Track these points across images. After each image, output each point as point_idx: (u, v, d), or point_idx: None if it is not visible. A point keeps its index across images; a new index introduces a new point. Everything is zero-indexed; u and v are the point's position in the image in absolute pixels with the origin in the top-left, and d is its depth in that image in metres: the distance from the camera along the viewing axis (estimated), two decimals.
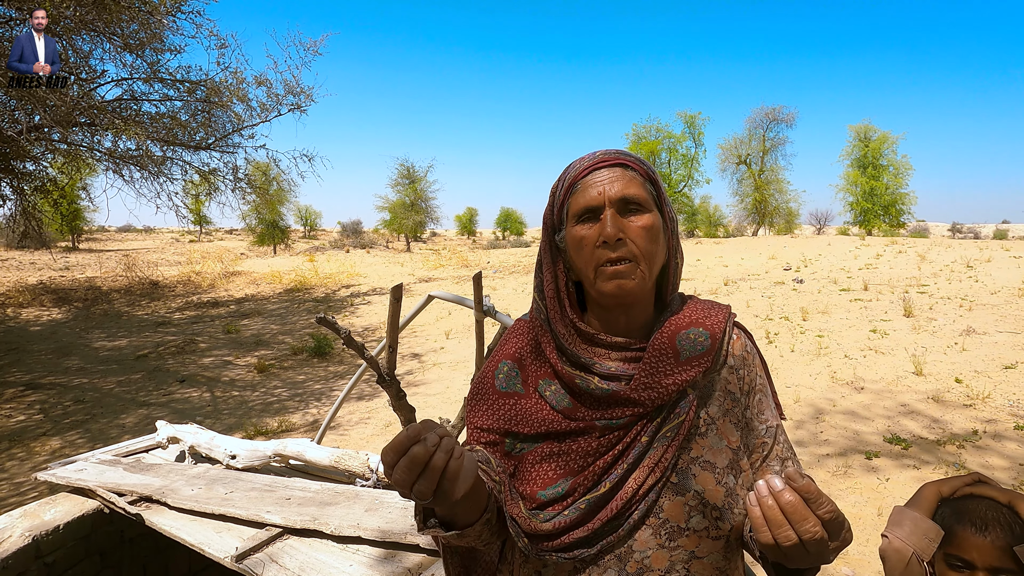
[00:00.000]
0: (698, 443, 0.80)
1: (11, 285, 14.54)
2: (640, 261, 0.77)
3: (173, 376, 7.73)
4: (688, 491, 0.77)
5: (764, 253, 17.39)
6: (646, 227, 0.77)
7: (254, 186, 11.13)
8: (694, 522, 0.76)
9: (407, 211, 32.70)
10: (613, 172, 0.79)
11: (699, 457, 0.79)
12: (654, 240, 0.78)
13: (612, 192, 0.77)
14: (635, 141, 35.17)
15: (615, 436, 0.78)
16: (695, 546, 0.76)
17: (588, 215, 0.79)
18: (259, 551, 1.88)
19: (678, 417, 0.78)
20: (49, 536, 2.29)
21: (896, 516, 1.07)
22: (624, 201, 0.77)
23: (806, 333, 7.86)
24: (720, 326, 0.83)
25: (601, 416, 0.78)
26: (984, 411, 4.91)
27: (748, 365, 0.85)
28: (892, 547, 1.04)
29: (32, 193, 9.52)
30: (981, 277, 11.05)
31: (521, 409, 0.84)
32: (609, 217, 0.76)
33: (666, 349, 0.79)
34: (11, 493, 4.28)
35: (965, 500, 1.02)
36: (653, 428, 0.78)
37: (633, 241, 0.76)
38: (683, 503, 0.76)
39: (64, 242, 27.37)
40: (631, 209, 0.78)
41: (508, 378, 0.87)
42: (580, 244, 0.79)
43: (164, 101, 9.03)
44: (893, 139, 31.14)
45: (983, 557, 0.95)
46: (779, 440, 0.85)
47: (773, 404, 0.87)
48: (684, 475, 0.78)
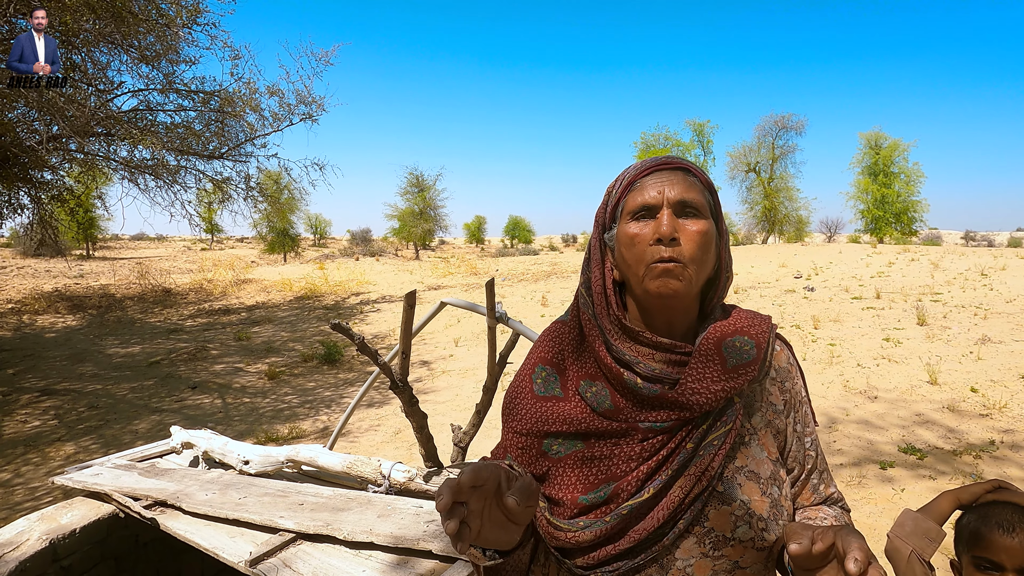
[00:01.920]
0: (743, 453, 0.79)
1: (27, 292, 14.76)
2: (689, 265, 0.76)
3: (185, 383, 7.79)
4: (734, 500, 0.76)
5: (774, 261, 17.29)
6: (701, 232, 0.77)
7: (266, 194, 11.27)
8: (740, 532, 0.75)
9: (416, 219, 32.90)
10: (675, 175, 0.79)
11: (744, 467, 0.78)
12: (706, 247, 0.78)
13: (672, 194, 0.77)
14: (643, 149, 35.20)
15: (659, 441, 0.77)
16: (739, 556, 0.75)
17: (644, 213, 0.79)
18: (272, 556, 1.89)
19: (725, 425, 0.77)
20: (66, 540, 2.32)
21: (901, 517, 1.11)
22: (682, 204, 0.77)
23: (818, 341, 7.79)
24: (765, 336, 0.82)
25: (644, 418, 0.77)
26: (1001, 421, 4.84)
27: (792, 378, 0.85)
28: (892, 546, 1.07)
29: (49, 202, 9.69)
30: (996, 285, 10.91)
31: (561, 411, 0.82)
32: (666, 216, 0.76)
33: (712, 355, 0.78)
34: (27, 497, 4.33)
35: (990, 505, 1.03)
36: (699, 435, 0.76)
37: (687, 243, 0.76)
38: (729, 513, 0.75)
39: (79, 250, 27.77)
40: (688, 213, 0.78)
41: (547, 383, 0.86)
42: (632, 241, 0.78)
43: (179, 111, 9.19)
44: (904, 146, 30.94)
45: (1011, 558, 0.96)
46: (819, 452, 0.87)
47: (811, 415, 0.89)
48: (730, 485, 0.76)
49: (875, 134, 31.87)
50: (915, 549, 1.03)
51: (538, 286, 15.15)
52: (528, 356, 0.93)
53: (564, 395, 0.84)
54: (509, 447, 0.86)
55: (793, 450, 0.84)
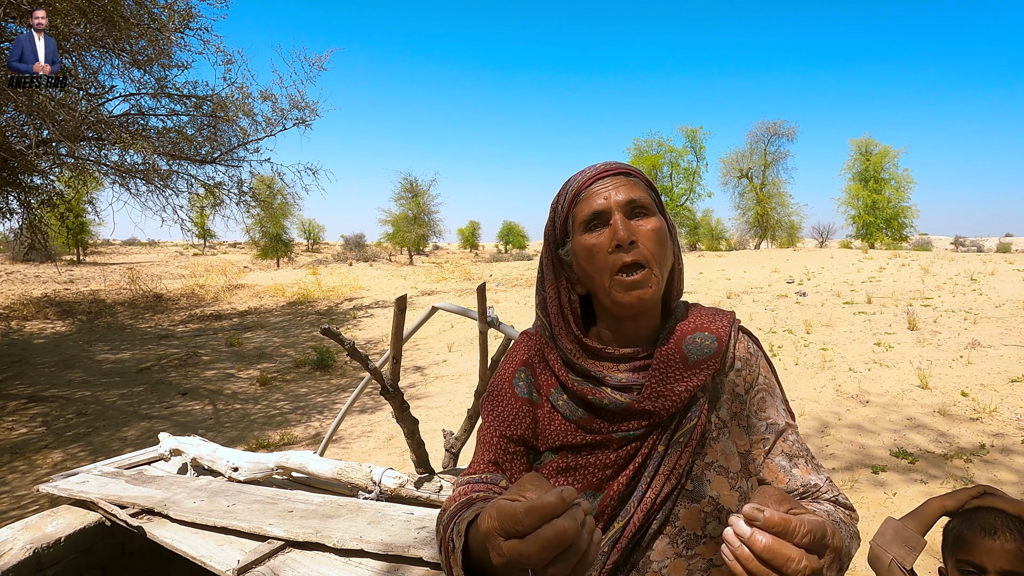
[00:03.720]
0: (712, 448, 0.79)
1: (16, 298, 14.60)
2: (653, 265, 0.77)
3: (175, 389, 7.72)
4: (703, 497, 0.76)
5: (767, 266, 17.38)
6: (655, 230, 0.78)
7: (258, 199, 11.22)
8: (710, 529, 0.75)
9: (410, 224, 32.85)
10: (617, 179, 0.80)
11: (714, 462, 0.78)
12: (663, 243, 0.79)
13: (619, 197, 0.78)
14: (637, 155, 35.38)
15: (633, 447, 0.77)
16: (712, 554, 0.75)
17: (596, 221, 0.79)
18: (261, 564, 1.87)
19: (690, 422, 0.77)
20: (50, 549, 2.28)
21: (883, 526, 1.12)
22: (631, 204, 0.78)
23: (810, 346, 7.83)
24: (726, 330, 0.83)
25: (617, 428, 0.77)
26: (991, 425, 4.87)
27: (750, 365, 0.85)
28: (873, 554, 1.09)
29: (39, 207, 9.60)
30: (985, 290, 11.01)
31: (536, 418, 0.84)
32: (619, 220, 0.76)
33: (673, 355, 0.79)
34: (12, 506, 4.26)
35: (974, 510, 1.03)
36: (668, 435, 0.77)
37: (644, 244, 0.76)
38: (698, 510, 0.76)
39: (69, 255, 27.52)
40: (638, 213, 0.78)
41: (527, 384, 0.87)
42: (591, 252, 0.78)
43: (171, 116, 9.14)
44: (894, 153, 31.30)
45: (993, 561, 0.96)
46: (787, 439, 0.83)
47: (781, 405, 0.86)
48: (699, 481, 0.77)
49: (865, 140, 32.23)
50: (895, 557, 1.03)
51: (532, 291, 15.15)
52: (507, 356, 0.93)
53: (540, 400, 0.85)
54: (495, 446, 0.86)
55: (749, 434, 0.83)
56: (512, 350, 0.94)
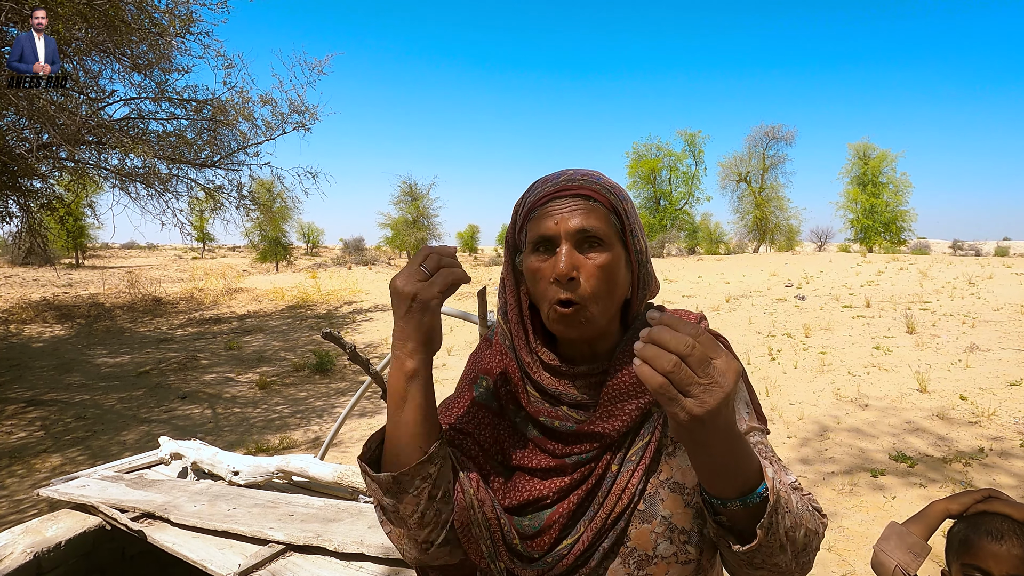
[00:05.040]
0: (667, 464, 0.77)
1: (15, 302, 14.58)
2: (591, 304, 0.73)
3: (175, 393, 7.71)
4: (655, 518, 0.74)
5: (765, 270, 17.41)
6: (602, 266, 0.73)
7: (258, 203, 11.22)
8: (661, 549, 0.73)
9: (409, 228, 32.89)
10: (574, 202, 0.74)
11: (668, 479, 0.76)
12: (610, 279, 0.74)
13: (570, 225, 0.73)
14: (635, 159, 35.50)
15: (586, 469, 0.76)
16: (664, 574, 0.73)
17: (544, 245, 0.75)
18: (262, 568, 1.87)
19: (642, 439, 0.75)
20: (50, 553, 2.28)
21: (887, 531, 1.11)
22: (582, 234, 0.73)
23: (809, 350, 7.84)
24: None
25: (571, 452, 0.76)
26: (990, 428, 4.88)
27: None
28: (877, 560, 1.08)
29: (38, 210, 9.60)
30: (983, 294, 11.03)
31: (495, 432, 0.82)
32: (564, 253, 0.72)
33: (626, 373, 0.76)
34: (11, 510, 4.26)
35: (980, 513, 1.03)
36: (622, 454, 0.75)
37: (587, 281, 0.72)
38: (650, 531, 0.74)
39: (68, 259, 27.51)
40: (589, 243, 0.74)
41: (486, 391, 0.85)
42: (535, 276, 0.76)
43: (171, 120, 9.15)
44: (892, 157, 31.44)
45: (999, 565, 0.96)
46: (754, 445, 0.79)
47: (745, 409, 0.82)
48: (651, 501, 0.75)
49: (864, 145, 32.37)
50: (900, 564, 1.03)
51: None
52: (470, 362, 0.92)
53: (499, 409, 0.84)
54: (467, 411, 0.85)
55: None
56: (478, 354, 0.91)
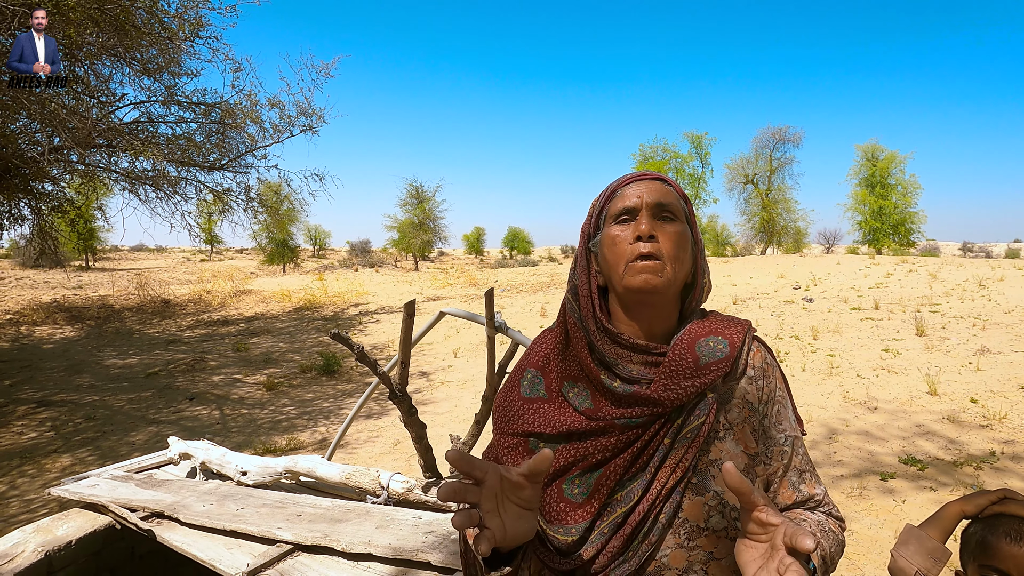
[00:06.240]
0: (717, 446, 0.82)
1: (26, 304, 14.73)
2: (666, 260, 0.81)
3: (183, 394, 7.76)
4: (708, 491, 0.79)
5: (773, 272, 17.31)
6: (677, 232, 0.84)
7: (266, 205, 11.30)
8: (713, 522, 0.78)
9: (415, 230, 32.98)
10: (652, 184, 0.86)
11: (717, 460, 0.81)
12: (683, 246, 0.84)
13: (650, 198, 0.84)
14: (642, 161, 35.38)
15: (633, 434, 0.80)
16: (713, 547, 0.78)
17: (626, 216, 0.85)
18: (270, 567, 1.88)
19: (698, 419, 0.80)
20: (61, 552, 2.30)
21: (904, 535, 1.08)
22: (660, 207, 0.84)
23: (817, 352, 7.79)
24: (740, 336, 0.86)
25: (621, 415, 0.81)
26: (1001, 432, 4.83)
27: (767, 376, 0.88)
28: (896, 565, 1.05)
29: (49, 213, 9.71)
30: (994, 296, 10.93)
31: (545, 413, 0.87)
32: (645, 217, 0.83)
33: (685, 354, 0.82)
34: (22, 510, 4.29)
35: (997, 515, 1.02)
36: (674, 429, 0.80)
37: (664, 242, 0.82)
38: (703, 503, 0.78)
39: (78, 261, 27.76)
40: (665, 216, 0.85)
41: (532, 384, 0.91)
42: (614, 241, 0.84)
43: (180, 123, 9.24)
44: (901, 158, 31.11)
45: (1019, 567, 0.95)
46: (798, 451, 0.87)
47: (793, 416, 0.89)
48: (703, 476, 0.80)
49: (872, 146, 32.08)
50: (920, 569, 1.01)
51: (537, 297, 15.15)
52: (519, 362, 0.98)
53: (548, 396, 0.89)
54: (498, 447, 0.90)
55: (768, 445, 0.86)
56: (525, 354, 0.98)
